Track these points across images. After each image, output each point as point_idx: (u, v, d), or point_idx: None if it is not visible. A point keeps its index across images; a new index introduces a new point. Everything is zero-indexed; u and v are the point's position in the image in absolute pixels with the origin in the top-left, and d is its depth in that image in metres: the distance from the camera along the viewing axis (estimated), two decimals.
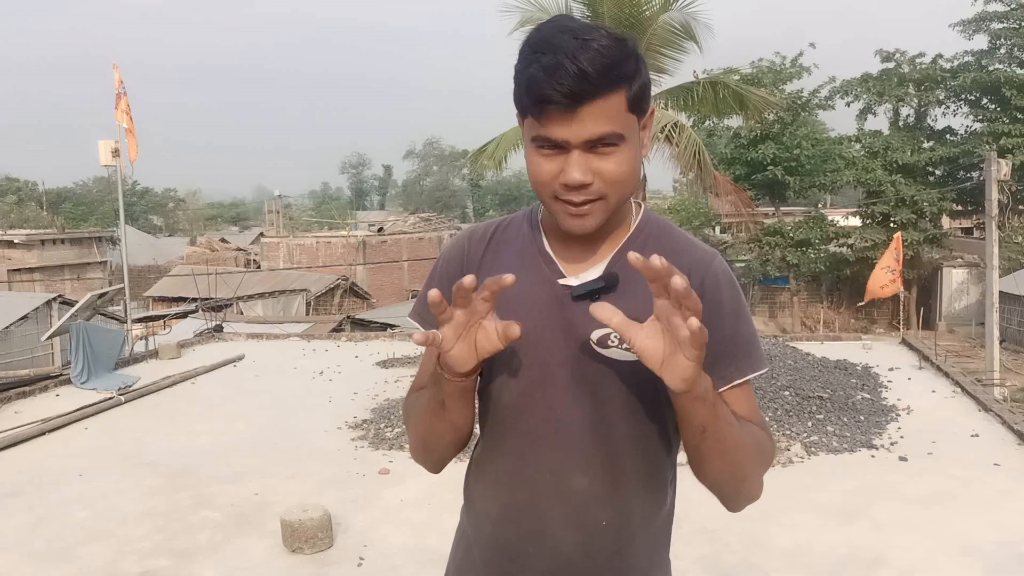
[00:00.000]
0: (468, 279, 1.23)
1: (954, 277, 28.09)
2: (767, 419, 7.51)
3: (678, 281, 1.11)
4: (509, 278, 1.23)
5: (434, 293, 1.25)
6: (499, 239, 1.53)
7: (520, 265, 1.45)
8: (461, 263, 1.51)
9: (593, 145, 1.30)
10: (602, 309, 1.22)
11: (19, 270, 30.68)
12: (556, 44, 1.26)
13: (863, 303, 14.79)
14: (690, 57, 11.07)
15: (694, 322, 1.13)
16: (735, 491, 1.41)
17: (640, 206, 1.50)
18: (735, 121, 24.22)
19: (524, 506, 1.44)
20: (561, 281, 1.43)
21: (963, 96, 28.62)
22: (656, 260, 1.13)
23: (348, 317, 21.65)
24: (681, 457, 1.45)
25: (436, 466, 1.54)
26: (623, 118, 1.30)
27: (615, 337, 1.37)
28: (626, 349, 1.36)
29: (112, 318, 16.60)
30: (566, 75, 1.23)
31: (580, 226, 1.36)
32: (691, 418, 1.29)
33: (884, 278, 13.03)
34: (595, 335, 1.39)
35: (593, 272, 1.43)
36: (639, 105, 1.33)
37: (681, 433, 1.36)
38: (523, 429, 1.42)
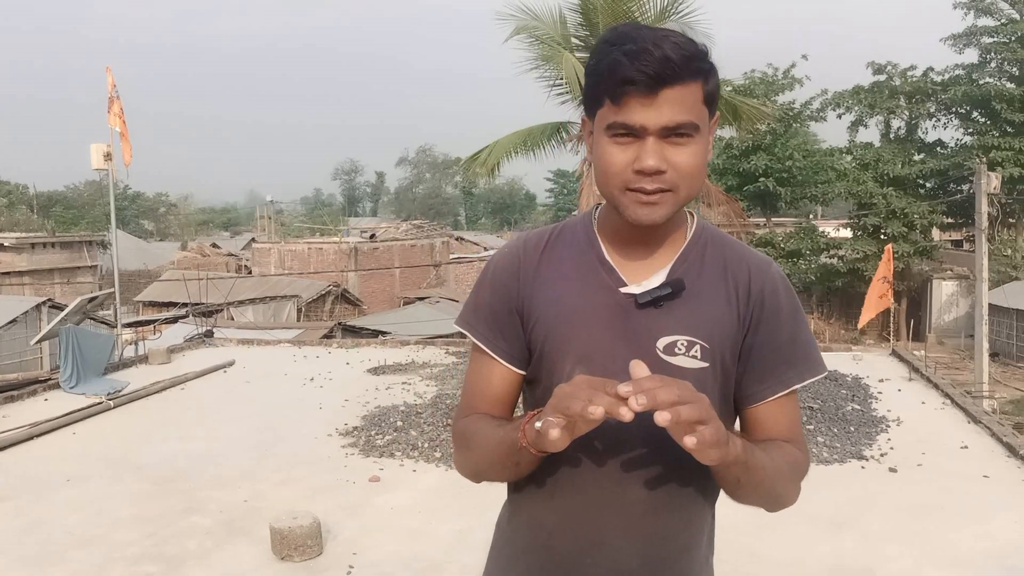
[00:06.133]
0: (623, 389, 1.15)
1: (944, 289, 28.23)
2: None
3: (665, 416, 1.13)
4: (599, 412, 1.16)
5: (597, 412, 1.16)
6: (554, 248, 1.50)
7: (579, 275, 1.44)
8: (516, 274, 1.48)
9: (668, 133, 1.30)
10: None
11: (8, 273, 30.49)
12: (636, 36, 1.29)
13: (866, 322, 14.85)
14: None
15: (689, 441, 1.14)
16: (770, 508, 1.44)
17: (693, 215, 1.50)
18: (727, 132, 24.42)
19: (582, 516, 1.42)
20: (623, 289, 1.41)
21: (954, 109, 28.87)
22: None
23: (339, 324, 21.59)
24: None
25: (481, 482, 1.53)
26: (699, 110, 1.32)
27: (682, 344, 1.37)
28: (693, 356, 1.37)
29: (102, 323, 16.53)
30: (651, 57, 1.26)
31: (649, 215, 1.33)
32: (725, 475, 1.31)
33: (881, 288, 13.23)
34: (661, 343, 1.38)
35: (655, 279, 1.41)
36: (712, 102, 1.35)
37: (717, 480, 1.38)
38: (582, 439, 1.34)
